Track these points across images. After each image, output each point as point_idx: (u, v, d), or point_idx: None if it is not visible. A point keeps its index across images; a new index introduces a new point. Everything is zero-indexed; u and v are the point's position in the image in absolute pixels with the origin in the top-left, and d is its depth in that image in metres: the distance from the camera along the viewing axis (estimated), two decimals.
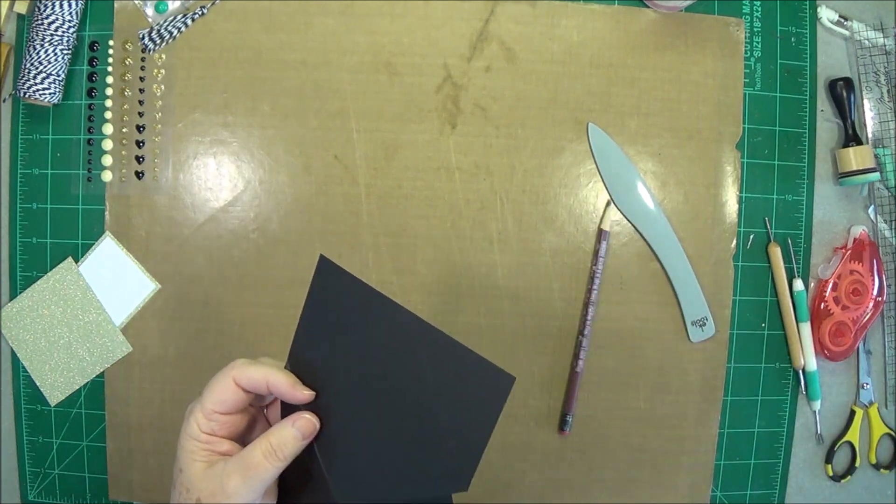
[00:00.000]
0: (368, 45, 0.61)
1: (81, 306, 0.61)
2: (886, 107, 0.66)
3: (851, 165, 0.64)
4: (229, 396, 0.42)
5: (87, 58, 0.61)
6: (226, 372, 0.42)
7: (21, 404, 0.61)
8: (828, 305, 0.64)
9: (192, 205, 0.61)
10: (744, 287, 0.64)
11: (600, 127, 0.62)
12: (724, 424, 0.64)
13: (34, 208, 0.61)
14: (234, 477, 0.41)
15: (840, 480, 0.67)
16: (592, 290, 0.61)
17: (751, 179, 0.64)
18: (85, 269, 0.61)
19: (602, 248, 0.61)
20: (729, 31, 0.64)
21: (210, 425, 0.42)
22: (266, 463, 0.41)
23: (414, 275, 0.62)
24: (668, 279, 0.63)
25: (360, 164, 0.61)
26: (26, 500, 0.62)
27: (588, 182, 0.63)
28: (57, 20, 0.57)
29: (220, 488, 0.41)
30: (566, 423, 0.62)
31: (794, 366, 0.65)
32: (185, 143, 0.61)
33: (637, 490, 0.64)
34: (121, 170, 0.61)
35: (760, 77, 0.64)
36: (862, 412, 0.66)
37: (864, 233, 0.65)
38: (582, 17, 0.62)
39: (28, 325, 0.61)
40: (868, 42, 0.65)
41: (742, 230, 0.64)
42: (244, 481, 0.41)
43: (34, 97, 0.58)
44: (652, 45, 0.63)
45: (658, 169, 0.63)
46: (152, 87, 0.61)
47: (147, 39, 0.60)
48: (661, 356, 0.63)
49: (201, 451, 0.42)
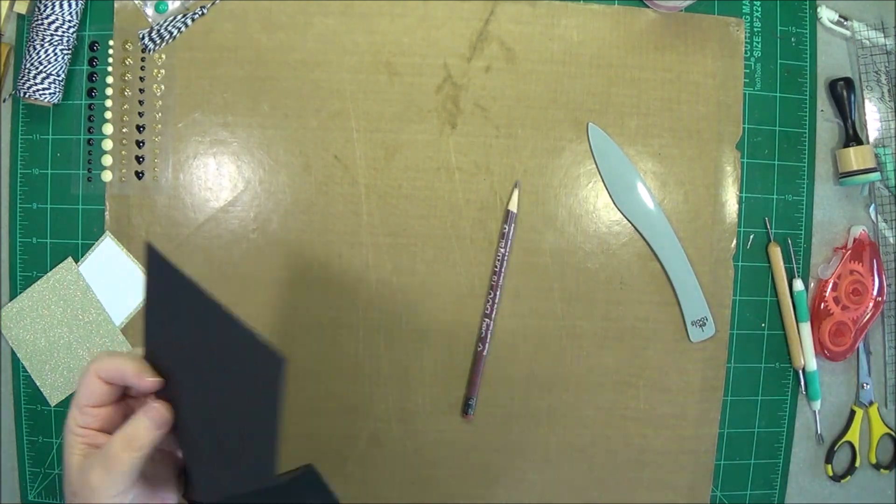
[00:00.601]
0: (368, 45, 0.61)
1: (81, 306, 0.61)
2: (887, 106, 0.66)
3: (852, 165, 0.64)
4: (95, 389, 0.42)
5: (87, 58, 0.61)
6: (89, 365, 0.42)
7: (21, 404, 0.61)
8: (828, 305, 0.64)
9: (192, 205, 0.61)
10: (744, 287, 0.64)
11: (600, 127, 0.62)
12: (724, 424, 0.64)
13: (34, 208, 0.61)
14: (96, 470, 0.41)
15: (840, 480, 0.67)
16: (500, 273, 0.61)
17: (751, 179, 0.64)
18: (85, 269, 0.61)
19: (509, 230, 0.61)
20: (729, 31, 0.64)
21: (84, 419, 0.42)
22: (123, 455, 0.41)
23: (414, 275, 0.62)
24: (668, 279, 0.63)
25: (360, 164, 0.61)
26: (26, 500, 0.62)
27: (588, 182, 0.63)
28: (57, 20, 0.57)
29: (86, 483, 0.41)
30: (469, 406, 0.61)
31: (794, 366, 0.65)
32: (185, 143, 0.61)
33: (637, 490, 0.64)
34: (121, 170, 0.61)
35: (760, 77, 0.64)
36: (862, 412, 0.66)
37: (864, 233, 0.65)
38: (582, 17, 0.62)
39: (28, 325, 0.61)
40: (868, 42, 0.65)
41: (742, 230, 0.64)
42: (106, 474, 0.41)
43: (34, 97, 0.58)
44: (652, 45, 0.63)
45: (658, 169, 0.63)
46: (152, 87, 0.61)
47: (147, 39, 0.60)
48: (661, 356, 0.63)
49: (79, 445, 0.42)
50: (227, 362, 0.40)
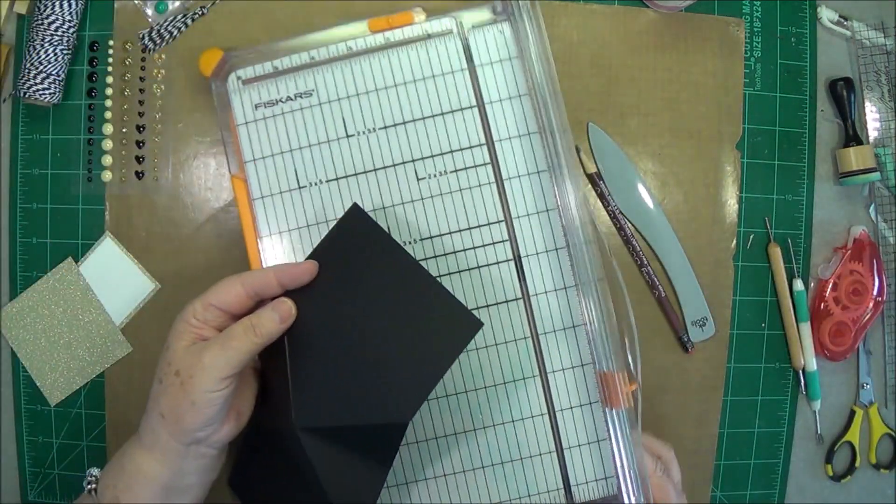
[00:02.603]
0: None
1: (81, 306, 0.61)
2: (887, 106, 0.66)
3: (852, 165, 0.64)
4: (232, 293, 0.46)
5: (87, 58, 0.61)
6: (235, 277, 0.46)
7: (21, 404, 0.61)
8: (828, 305, 0.64)
9: (192, 205, 0.61)
10: (744, 287, 0.64)
11: (600, 127, 0.62)
12: (724, 424, 0.64)
13: (34, 208, 0.61)
14: (213, 349, 0.44)
15: (840, 480, 0.67)
16: None
17: (751, 179, 0.64)
18: (85, 269, 0.61)
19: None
20: (729, 31, 0.64)
21: (205, 314, 0.45)
22: (244, 337, 0.45)
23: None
24: (669, 279, 0.63)
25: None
26: (26, 501, 0.62)
27: (588, 182, 0.63)
28: (57, 20, 0.57)
29: (199, 360, 0.44)
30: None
31: (794, 366, 0.65)
32: (185, 143, 0.61)
33: None
34: (121, 170, 0.61)
35: (760, 77, 0.64)
36: (862, 412, 0.66)
37: (865, 233, 0.65)
38: (582, 17, 0.62)
39: (28, 325, 0.61)
40: (868, 42, 0.65)
41: (742, 230, 0.64)
42: (222, 352, 0.44)
43: (34, 97, 0.58)
44: (652, 45, 0.63)
45: (658, 169, 0.63)
46: (152, 87, 0.61)
47: (147, 39, 0.60)
48: (661, 356, 0.63)
49: (189, 334, 0.45)
50: (413, 313, 0.47)
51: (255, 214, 0.56)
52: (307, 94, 0.56)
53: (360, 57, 0.56)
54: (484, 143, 0.56)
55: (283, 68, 0.56)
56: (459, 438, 0.55)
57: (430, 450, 0.56)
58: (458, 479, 0.55)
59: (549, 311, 0.55)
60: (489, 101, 0.56)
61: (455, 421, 0.55)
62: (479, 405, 0.55)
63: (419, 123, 0.56)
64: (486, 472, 0.55)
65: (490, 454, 0.55)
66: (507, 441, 0.55)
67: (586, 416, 0.55)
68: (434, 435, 0.55)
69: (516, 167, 0.56)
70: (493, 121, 0.56)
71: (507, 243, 0.55)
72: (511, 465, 0.55)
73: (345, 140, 0.56)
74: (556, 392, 0.55)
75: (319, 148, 0.56)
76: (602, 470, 0.55)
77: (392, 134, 0.56)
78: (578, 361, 0.55)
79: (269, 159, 0.56)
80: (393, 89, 0.56)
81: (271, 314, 0.46)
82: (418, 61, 0.56)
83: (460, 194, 0.56)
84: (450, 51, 0.56)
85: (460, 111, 0.56)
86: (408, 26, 0.56)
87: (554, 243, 0.55)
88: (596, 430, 0.55)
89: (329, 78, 0.56)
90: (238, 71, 0.56)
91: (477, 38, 0.56)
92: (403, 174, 0.56)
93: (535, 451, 0.55)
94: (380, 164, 0.56)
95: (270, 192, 0.56)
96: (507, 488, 0.55)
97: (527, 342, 0.55)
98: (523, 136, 0.56)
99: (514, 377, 0.55)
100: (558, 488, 0.55)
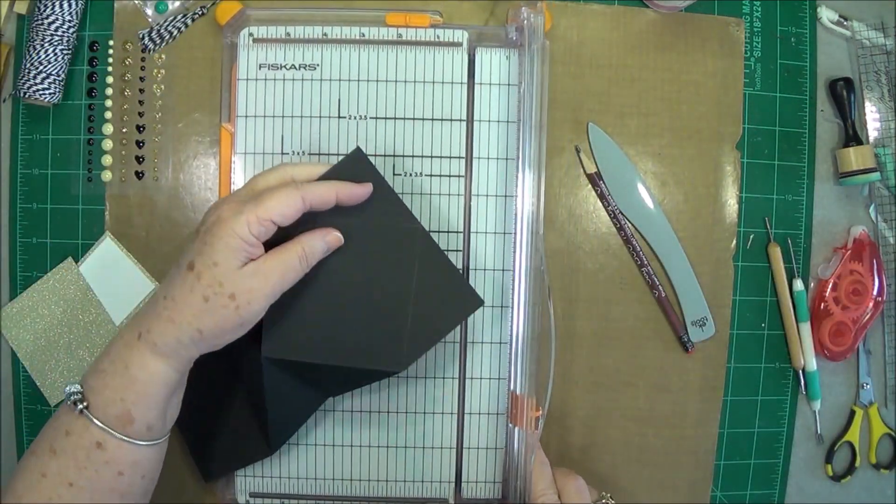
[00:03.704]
0: None
1: (81, 306, 0.61)
2: (887, 106, 0.66)
3: (852, 165, 0.64)
4: (291, 213, 0.44)
5: (87, 58, 0.61)
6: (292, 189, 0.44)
7: (21, 404, 0.61)
8: (828, 305, 0.64)
9: (192, 205, 0.61)
10: (744, 287, 0.64)
11: (600, 127, 0.62)
12: (724, 424, 0.64)
13: (34, 208, 0.61)
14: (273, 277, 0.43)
15: (840, 480, 0.67)
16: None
17: (751, 179, 0.64)
18: (85, 269, 0.61)
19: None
20: (729, 31, 0.64)
21: (259, 230, 0.43)
22: (299, 267, 0.45)
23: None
24: (669, 279, 0.63)
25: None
26: None
27: (588, 182, 0.63)
28: (57, 20, 0.57)
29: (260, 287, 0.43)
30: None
31: (793, 366, 0.65)
32: (185, 143, 0.61)
33: (637, 490, 0.64)
34: (121, 170, 0.61)
35: (760, 77, 0.64)
36: (862, 412, 0.66)
37: (865, 233, 0.65)
38: (582, 17, 0.62)
39: (28, 325, 0.61)
40: (868, 42, 0.65)
41: (742, 230, 0.64)
42: (280, 282, 0.44)
43: (34, 97, 0.58)
44: (652, 45, 0.63)
45: (658, 169, 0.63)
46: (152, 87, 0.61)
47: (147, 39, 0.60)
48: (661, 356, 0.63)
49: (243, 252, 0.43)
50: (409, 271, 0.49)
51: (234, 168, 0.58)
52: (311, 68, 0.58)
53: (370, 45, 0.58)
54: (463, 157, 0.58)
55: (295, 37, 0.58)
56: (372, 417, 0.59)
57: (343, 420, 0.59)
58: (361, 452, 0.59)
59: (482, 323, 0.59)
60: (478, 118, 0.58)
61: (372, 399, 0.59)
62: (397, 391, 0.59)
63: (409, 122, 0.58)
64: (389, 451, 0.59)
65: (396, 437, 0.59)
66: (415, 429, 0.59)
67: (491, 425, 0.60)
68: (351, 409, 0.59)
69: (486, 186, 0.58)
70: (476, 138, 0.58)
71: (460, 253, 0.58)
72: (413, 450, 0.59)
73: (336, 120, 0.58)
74: (470, 396, 0.59)
75: (311, 121, 0.58)
76: (493, 474, 0.59)
77: (381, 126, 0.58)
78: (497, 375, 0.59)
79: (261, 119, 0.58)
80: (393, 84, 0.58)
81: (322, 244, 0.46)
82: (423, 64, 0.58)
83: (430, 198, 0.58)
84: (455, 62, 0.58)
85: (450, 122, 0.58)
86: (422, 28, 0.58)
87: (502, 264, 0.58)
88: (497, 439, 0.59)
89: (336, 57, 0.58)
90: (251, 28, 0.58)
91: (483, 56, 0.58)
92: (382, 166, 0.57)
93: (437, 444, 0.59)
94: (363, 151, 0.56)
95: (254, 151, 0.58)
96: (403, 470, 0.59)
97: (454, 347, 0.59)
98: (500, 160, 0.58)
99: (435, 374, 0.59)
100: (450, 481, 0.60)
